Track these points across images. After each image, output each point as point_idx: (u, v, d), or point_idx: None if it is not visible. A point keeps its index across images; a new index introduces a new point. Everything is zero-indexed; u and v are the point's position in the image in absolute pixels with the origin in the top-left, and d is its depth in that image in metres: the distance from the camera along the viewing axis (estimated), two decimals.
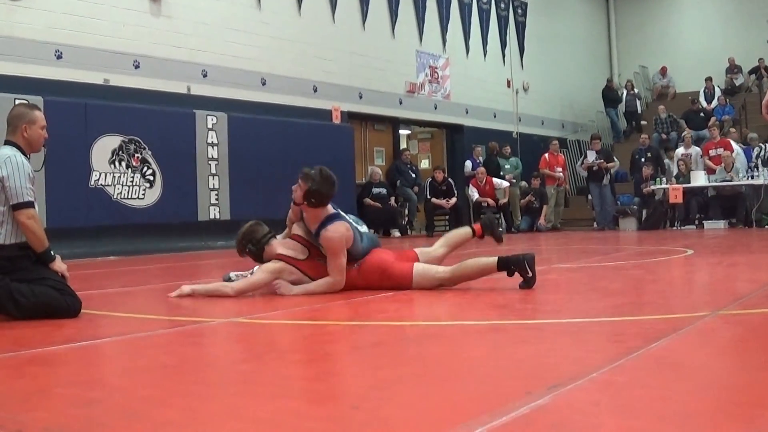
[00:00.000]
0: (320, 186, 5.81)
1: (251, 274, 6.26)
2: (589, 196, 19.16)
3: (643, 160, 18.74)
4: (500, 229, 5.85)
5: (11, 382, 3.06)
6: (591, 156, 18.71)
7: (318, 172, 5.88)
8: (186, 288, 5.97)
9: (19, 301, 4.75)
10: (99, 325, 4.82)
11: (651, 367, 2.98)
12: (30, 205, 4.96)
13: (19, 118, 5.09)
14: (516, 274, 5.52)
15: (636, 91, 25.15)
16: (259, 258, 6.07)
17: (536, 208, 18.87)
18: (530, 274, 5.47)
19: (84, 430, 2.28)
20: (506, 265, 5.52)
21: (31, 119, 5.10)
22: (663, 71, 26.57)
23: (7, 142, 5.08)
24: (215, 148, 14.12)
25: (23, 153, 5.04)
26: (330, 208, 5.95)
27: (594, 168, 18.35)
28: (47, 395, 2.80)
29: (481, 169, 18.64)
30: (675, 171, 18.41)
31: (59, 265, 5.01)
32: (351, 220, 6.05)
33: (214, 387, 2.97)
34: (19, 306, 4.75)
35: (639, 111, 24.90)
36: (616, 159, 19.40)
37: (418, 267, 5.81)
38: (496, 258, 5.58)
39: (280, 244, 6.07)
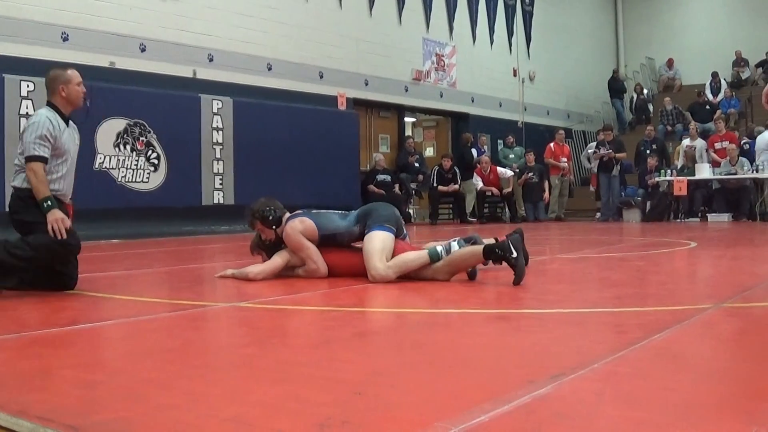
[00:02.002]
0: (264, 208, 6.08)
1: None
2: (595, 187, 19.10)
3: (648, 151, 18.72)
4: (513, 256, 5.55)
5: (14, 363, 3.07)
6: (598, 145, 18.68)
7: (247, 211, 6.19)
8: (228, 271, 6.19)
9: (20, 255, 5.06)
10: (102, 308, 4.84)
11: (653, 358, 2.98)
12: (35, 159, 5.24)
13: (55, 80, 5.55)
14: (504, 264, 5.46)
15: (646, 92, 25.04)
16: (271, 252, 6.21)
17: (536, 185, 18.79)
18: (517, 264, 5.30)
19: (86, 411, 2.28)
20: (491, 254, 5.46)
21: (66, 79, 5.55)
22: (670, 63, 26.51)
23: (48, 104, 5.55)
24: (220, 132, 14.13)
25: (60, 112, 5.51)
26: (287, 214, 6.14)
27: (604, 158, 18.29)
28: (50, 377, 2.81)
29: (485, 158, 18.62)
30: (680, 164, 18.36)
31: (53, 215, 5.17)
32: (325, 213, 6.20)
33: (217, 371, 2.98)
34: (21, 258, 5.08)
35: (649, 109, 24.76)
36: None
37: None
38: (482, 247, 5.54)
39: None
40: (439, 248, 5.66)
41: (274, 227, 6.07)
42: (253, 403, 2.38)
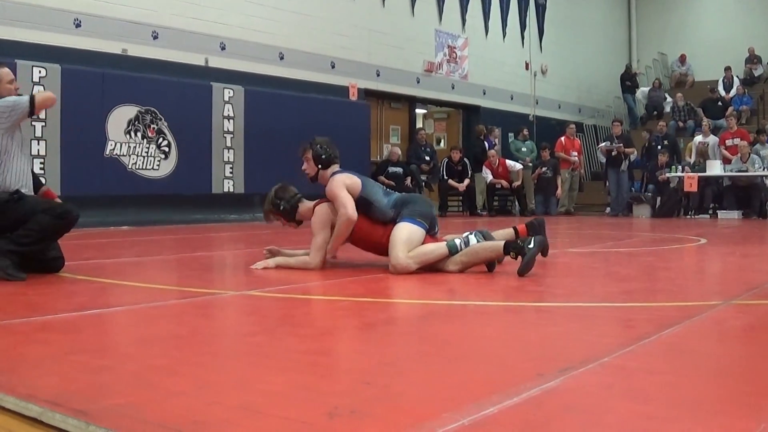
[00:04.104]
0: (322, 146, 6.09)
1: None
2: (607, 182, 19.06)
3: (659, 147, 18.66)
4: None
5: (23, 347, 3.07)
6: (607, 140, 18.69)
7: (314, 138, 6.17)
8: (271, 261, 6.02)
9: (29, 241, 5.21)
10: (111, 294, 4.85)
11: (662, 354, 2.98)
12: None
13: None
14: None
15: (667, 96, 24.89)
16: (292, 216, 6.16)
17: (549, 179, 18.78)
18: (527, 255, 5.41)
19: (95, 396, 2.29)
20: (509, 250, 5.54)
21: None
22: (682, 59, 26.40)
23: None
24: (231, 121, 14.13)
25: None
26: (337, 168, 6.11)
27: (613, 153, 18.26)
28: (59, 361, 2.81)
29: (492, 151, 18.61)
30: (693, 160, 18.31)
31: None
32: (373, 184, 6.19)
33: (226, 358, 2.98)
34: (32, 243, 5.23)
35: (663, 105, 24.58)
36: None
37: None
38: (502, 242, 5.60)
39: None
40: (458, 241, 5.68)
41: (319, 166, 6.07)
42: (261, 391, 2.38)
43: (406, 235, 5.69)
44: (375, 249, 5.99)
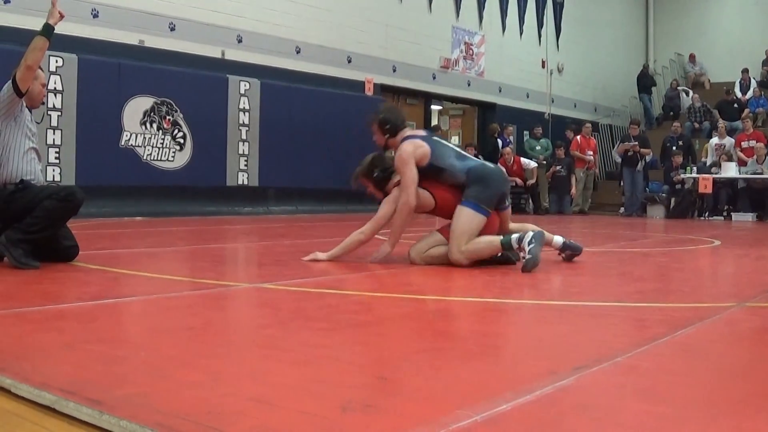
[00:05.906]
0: (387, 113, 6.12)
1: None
2: (622, 182, 19.04)
3: (674, 148, 18.62)
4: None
5: (38, 335, 3.08)
6: (623, 139, 18.66)
7: (378, 107, 6.29)
8: (321, 255, 5.97)
9: (38, 229, 5.21)
10: (125, 284, 4.86)
11: (675, 354, 2.97)
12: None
13: None
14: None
15: (680, 89, 24.77)
16: (382, 186, 6.10)
17: (564, 178, 18.73)
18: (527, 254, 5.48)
19: (109, 386, 2.29)
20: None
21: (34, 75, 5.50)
22: (692, 58, 26.32)
23: None
24: (247, 114, 14.14)
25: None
26: (408, 132, 6.10)
27: (629, 153, 18.23)
28: (73, 350, 2.82)
29: (507, 149, 18.57)
30: (709, 161, 18.27)
31: (54, 18, 5.43)
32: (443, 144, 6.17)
33: (239, 350, 2.98)
34: (41, 230, 5.23)
35: (680, 106, 24.43)
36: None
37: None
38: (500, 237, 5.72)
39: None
40: (514, 237, 5.65)
41: (387, 136, 6.08)
42: (274, 383, 2.38)
43: (466, 226, 5.70)
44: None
